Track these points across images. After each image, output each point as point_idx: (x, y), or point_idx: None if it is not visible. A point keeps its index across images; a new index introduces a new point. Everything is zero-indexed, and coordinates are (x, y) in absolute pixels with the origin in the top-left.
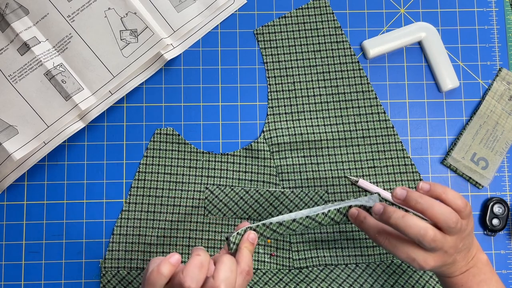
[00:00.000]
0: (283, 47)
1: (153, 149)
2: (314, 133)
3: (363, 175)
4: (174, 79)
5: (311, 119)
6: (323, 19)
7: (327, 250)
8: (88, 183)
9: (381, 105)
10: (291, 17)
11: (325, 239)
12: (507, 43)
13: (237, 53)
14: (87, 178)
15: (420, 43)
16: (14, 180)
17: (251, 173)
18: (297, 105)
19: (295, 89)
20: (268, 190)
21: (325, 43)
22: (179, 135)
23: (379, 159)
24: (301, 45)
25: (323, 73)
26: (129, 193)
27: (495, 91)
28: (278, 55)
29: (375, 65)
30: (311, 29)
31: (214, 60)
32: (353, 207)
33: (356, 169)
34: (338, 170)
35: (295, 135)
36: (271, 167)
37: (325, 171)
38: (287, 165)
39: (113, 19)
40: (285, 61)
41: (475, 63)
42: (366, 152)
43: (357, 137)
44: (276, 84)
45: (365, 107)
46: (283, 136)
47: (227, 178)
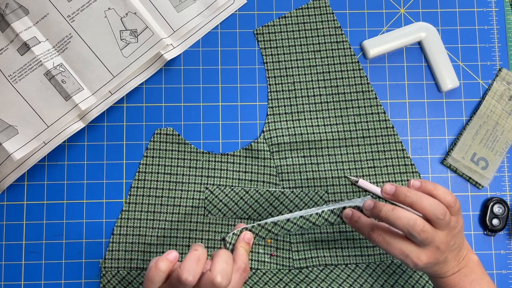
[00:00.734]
0: (283, 47)
1: (153, 149)
2: (314, 133)
3: (363, 175)
4: (174, 79)
5: (311, 119)
6: (323, 19)
7: (327, 250)
8: (88, 183)
9: (381, 105)
10: (291, 17)
11: (325, 239)
12: (507, 43)
13: (237, 53)
14: (87, 178)
15: (420, 43)
16: (14, 180)
17: (251, 173)
18: (297, 105)
19: (295, 89)
20: (268, 190)
21: (325, 43)
22: (179, 135)
23: (379, 159)
24: (301, 45)
25: (323, 73)
26: (129, 193)
27: (495, 91)
28: (278, 55)
29: (375, 65)
30: (311, 29)
31: (214, 60)
32: (347, 208)
33: (356, 169)
34: (338, 170)
35: (295, 135)
36: (271, 167)
37: (325, 171)
38: (287, 165)
39: (113, 19)
40: (285, 61)
41: (475, 63)
42: (366, 152)
43: (357, 137)
44: (276, 84)
45: (365, 107)
46: (283, 136)
47: (227, 178)
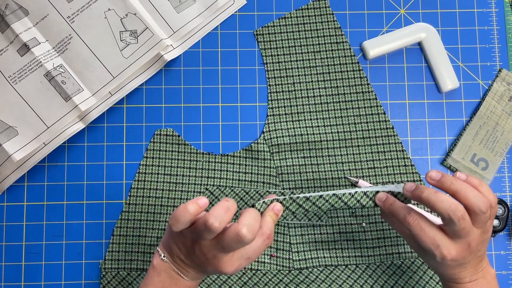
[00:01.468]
0: (283, 47)
1: (153, 150)
2: (314, 134)
3: (363, 176)
4: (174, 80)
5: (311, 119)
6: (323, 19)
7: (327, 251)
8: (88, 184)
9: (381, 106)
10: (291, 17)
11: (325, 240)
12: (507, 44)
13: (237, 54)
14: (87, 179)
15: (420, 44)
16: (14, 181)
17: (251, 174)
18: (297, 105)
19: (295, 90)
20: (268, 191)
21: (325, 43)
22: (179, 136)
23: (379, 159)
24: (301, 46)
25: (323, 73)
26: (129, 194)
27: (495, 91)
28: (278, 55)
29: (375, 66)
30: (311, 30)
31: (214, 61)
32: (381, 192)
33: (356, 169)
34: (338, 170)
35: (295, 135)
36: (271, 168)
37: (325, 171)
38: (287, 166)
39: (113, 20)
40: (285, 61)
41: (475, 63)
42: (366, 152)
43: (357, 138)
44: (276, 84)
45: (365, 107)
46: (283, 136)
47: (227, 179)
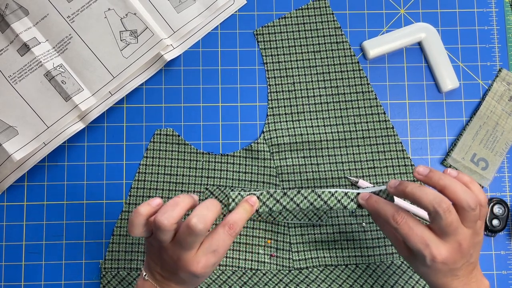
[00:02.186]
0: (283, 47)
1: (153, 149)
2: (314, 134)
3: (363, 176)
4: (174, 79)
5: (311, 119)
6: (323, 19)
7: (327, 250)
8: (88, 184)
9: (381, 106)
10: (291, 17)
11: (325, 240)
12: (507, 44)
13: (237, 53)
14: (87, 178)
15: (420, 44)
16: (14, 180)
17: (251, 173)
18: (297, 105)
19: (295, 90)
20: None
21: (325, 43)
22: (179, 136)
23: (379, 159)
24: (301, 46)
25: (323, 73)
26: (129, 194)
27: (495, 91)
28: (278, 55)
29: (375, 66)
30: (311, 30)
31: (214, 60)
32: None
33: (356, 169)
34: (338, 170)
35: (295, 135)
36: (271, 167)
37: (325, 171)
38: (287, 166)
39: (113, 19)
40: (285, 61)
41: (475, 63)
42: (366, 152)
43: (357, 138)
44: (276, 84)
45: (365, 107)
46: (283, 136)
47: (227, 178)
